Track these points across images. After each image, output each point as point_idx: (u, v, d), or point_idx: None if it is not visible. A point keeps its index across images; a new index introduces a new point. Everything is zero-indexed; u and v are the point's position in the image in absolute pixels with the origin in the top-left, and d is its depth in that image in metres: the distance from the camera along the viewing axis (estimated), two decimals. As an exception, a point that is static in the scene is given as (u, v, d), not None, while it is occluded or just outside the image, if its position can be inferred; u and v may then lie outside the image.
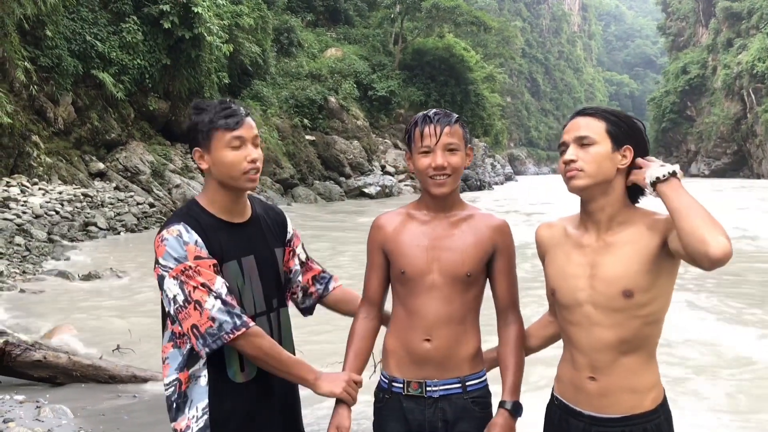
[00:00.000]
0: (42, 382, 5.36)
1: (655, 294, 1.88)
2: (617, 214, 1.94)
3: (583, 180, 1.91)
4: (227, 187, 2.10)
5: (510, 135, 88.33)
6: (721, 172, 72.09)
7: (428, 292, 2.10)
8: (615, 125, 1.92)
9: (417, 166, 2.12)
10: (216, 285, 1.97)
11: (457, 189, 2.17)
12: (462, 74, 44.70)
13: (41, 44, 18.28)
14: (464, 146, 2.14)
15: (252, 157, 2.08)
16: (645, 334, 1.91)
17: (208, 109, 2.09)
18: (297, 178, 30.29)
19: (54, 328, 7.07)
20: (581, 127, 1.94)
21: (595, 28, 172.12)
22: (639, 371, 1.92)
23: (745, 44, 69.28)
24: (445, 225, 2.15)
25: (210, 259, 2.00)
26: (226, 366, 2.06)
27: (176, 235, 1.99)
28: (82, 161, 19.80)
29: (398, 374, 2.15)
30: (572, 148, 1.93)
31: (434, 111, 2.14)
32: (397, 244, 2.16)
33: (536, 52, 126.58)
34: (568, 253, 2.00)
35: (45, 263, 11.59)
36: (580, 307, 1.94)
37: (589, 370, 1.95)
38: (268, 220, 2.27)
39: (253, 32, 30.18)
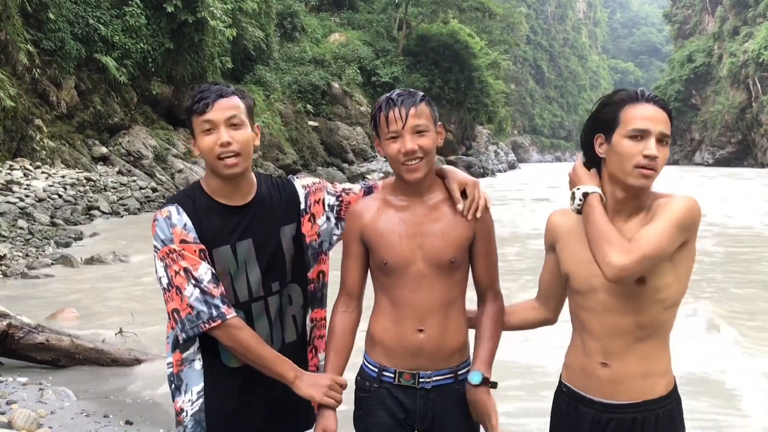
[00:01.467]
0: (45, 365, 5.39)
1: (670, 280, 1.85)
2: (642, 203, 1.90)
3: (652, 181, 1.85)
4: (216, 173, 2.05)
5: (514, 122, 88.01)
6: (726, 161, 71.82)
7: (415, 282, 2.04)
8: (672, 124, 1.89)
9: (387, 153, 2.05)
10: (198, 271, 1.95)
11: (432, 171, 2.09)
12: (466, 61, 44.46)
13: (44, 27, 18.23)
14: (434, 125, 2.05)
15: (222, 140, 1.98)
16: (662, 319, 1.89)
17: (192, 95, 2.06)
18: (300, 164, 30.25)
19: (57, 311, 7.11)
20: (665, 123, 1.85)
21: (600, 15, 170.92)
22: (653, 357, 1.90)
23: (752, 32, 68.76)
24: (424, 210, 2.08)
25: (196, 244, 1.97)
26: (220, 351, 2.06)
27: (166, 216, 1.99)
28: (84, 145, 19.80)
29: (388, 364, 2.09)
30: (654, 143, 1.82)
31: (398, 92, 2.04)
32: (377, 233, 2.08)
33: (541, 38, 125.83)
34: (583, 238, 1.94)
35: (48, 247, 11.62)
36: (595, 293, 1.92)
37: (601, 356, 1.92)
38: (275, 197, 2.17)
39: (256, 17, 30.05)
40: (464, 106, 45.52)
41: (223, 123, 2.00)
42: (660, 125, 1.83)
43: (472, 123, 50.20)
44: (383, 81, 39.89)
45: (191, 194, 2.07)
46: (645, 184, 1.84)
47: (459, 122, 46.42)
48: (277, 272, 2.14)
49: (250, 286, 2.09)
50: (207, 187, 2.09)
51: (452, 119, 45.23)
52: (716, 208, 19.42)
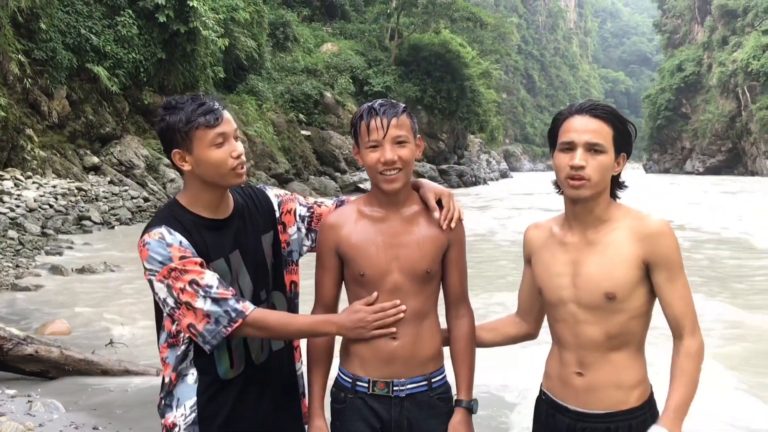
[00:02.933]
0: (34, 377, 5.34)
1: (639, 294, 1.90)
2: (603, 214, 1.95)
3: (588, 190, 1.88)
4: (213, 186, 2.03)
5: (505, 131, 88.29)
6: (716, 170, 72.24)
7: (391, 292, 2.05)
8: (619, 133, 1.90)
9: (366, 162, 2.04)
10: (205, 279, 1.92)
11: (408, 183, 2.10)
12: (458, 70, 44.64)
13: (35, 37, 18.20)
14: (413, 137, 2.06)
15: (237, 152, 2.01)
16: (631, 328, 1.91)
17: (182, 107, 1.98)
18: (292, 173, 30.24)
19: (47, 322, 7.05)
20: (592, 131, 1.88)
21: (591, 24, 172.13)
22: (626, 367, 1.92)
23: (741, 42, 69.39)
24: (400, 221, 2.09)
25: (196, 257, 1.95)
26: (216, 365, 2.04)
27: (158, 238, 1.94)
28: (76, 155, 19.74)
29: (363, 373, 2.08)
30: (582, 153, 1.87)
31: (380, 102, 2.05)
32: (353, 245, 2.08)
33: (532, 48, 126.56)
34: (553, 252, 2.01)
35: (38, 257, 11.56)
36: (565, 306, 1.96)
37: (576, 366, 1.95)
38: (251, 207, 2.19)
39: (248, 26, 30.11)
40: (456, 115, 45.67)
41: (232, 135, 2.02)
42: (586, 135, 1.87)
43: (464, 132, 50.35)
44: (375, 90, 39.98)
45: (174, 214, 2.04)
46: (576, 194, 1.89)
47: (451, 131, 46.56)
48: (263, 281, 2.15)
49: (244, 297, 2.07)
50: (191, 204, 2.06)
51: (444, 128, 45.35)
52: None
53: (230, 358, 2.06)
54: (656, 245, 1.86)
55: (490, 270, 10.97)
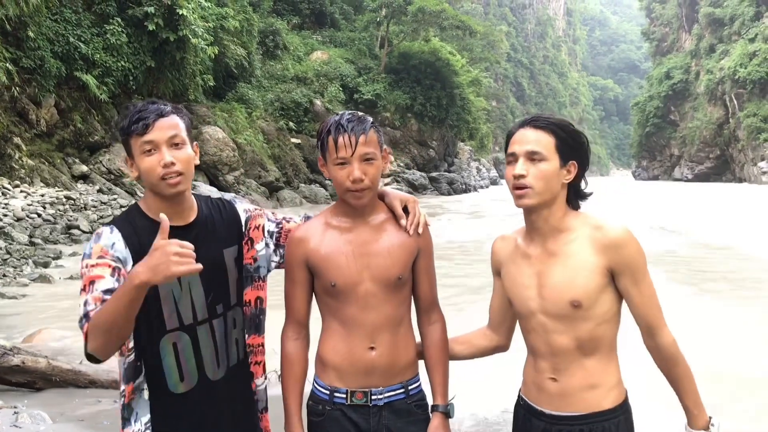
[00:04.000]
0: (20, 388, 5.28)
1: (605, 300, 1.93)
2: (559, 223, 1.98)
3: (532, 198, 1.93)
4: (157, 194, 2.01)
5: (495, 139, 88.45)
6: (705, 177, 72.77)
7: (364, 301, 2.05)
8: (563, 141, 1.94)
9: (333, 177, 2.04)
10: (98, 284, 1.84)
11: (375, 194, 2.11)
12: (448, 78, 44.84)
13: (23, 45, 18.10)
14: (380, 152, 2.06)
15: (165, 161, 1.93)
16: (600, 333, 1.94)
17: (126, 114, 1.98)
18: (282, 181, 30.21)
19: (34, 332, 6.98)
20: (532, 141, 1.93)
21: (579, 32, 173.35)
22: (599, 370, 1.96)
23: (728, 50, 70.08)
24: (368, 230, 2.10)
25: (114, 261, 1.90)
26: (165, 377, 2.01)
27: (97, 233, 1.95)
28: (64, 163, 19.63)
29: (340, 384, 2.08)
30: (522, 162, 1.93)
31: (347, 117, 2.03)
32: (323, 256, 2.07)
33: (521, 56, 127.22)
34: (519, 264, 2.05)
35: (26, 267, 11.45)
36: (534, 316, 1.99)
37: (550, 372, 1.99)
38: (216, 219, 2.14)
39: (238, 35, 30.13)
40: (446, 123, 45.82)
41: (164, 143, 1.96)
42: (526, 144, 1.94)
43: (454, 140, 50.51)
44: (366, 98, 40.10)
45: (130, 217, 2.02)
46: (520, 203, 1.95)
47: (441, 139, 46.69)
48: (221, 294, 2.11)
49: (195, 309, 2.04)
50: (147, 209, 2.04)
51: (434, 136, 45.47)
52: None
53: (179, 370, 2.02)
54: (619, 254, 1.89)
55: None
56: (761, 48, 62.39)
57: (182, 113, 2.05)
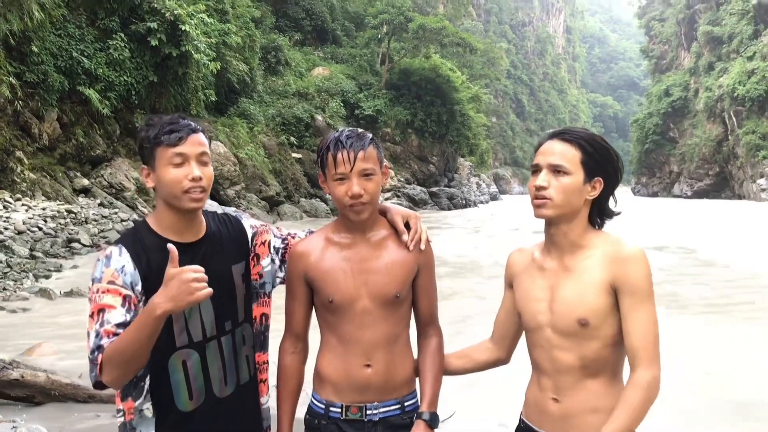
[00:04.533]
0: (19, 402, 5.27)
1: (614, 321, 1.89)
2: (579, 239, 1.95)
3: (550, 210, 1.91)
4: (172, 207, 2.02)
5: (495, 155, 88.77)
6: (704, 193, 72.79)
7: (361, 318, 2.06)
8: (590, 156, 1.91)
9: (333, 193, 2.06)
10: (108, 315, 1.84)
11: (375, 210, 2.11)
12: (448, 94, 45.01)
13: (27, 60, 18.21)
14: (380, 167, 2.07)
15: (193, 175, 1.96)
16: (606, 355, 1.91)
17: (156, 124, 1.99)
18: (283, 195, 30.25)
19: (33, 346, 6.98)
20: (557, 153, 1.92)
21: (579, 50, 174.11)
22: (602, 393, 1.91)
23: (726, 68, 70.37)
24: (368, 247, 2.11)
25: (125, 288, 1.89)
26: (173, 395, 2.01)
27: (106, 255, 1.93)
28: (66, 177, 19.67)
29: (336, 399, 2.10)
30: (545, 174, 1.92)
31: (346, 134, 2.05)
32: (322, 272, 2.09)
33: (521, 73, 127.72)
34: (533, 276, 2.03)
35: (26, 280, 11.45)
36: (542, 330, 1.97)
37: (552, 392, 1.96)
38: (224, 234, 2.15)
39: (240, 50, 30.29)
40: (446, 138, 45.94)
41: (194, 158, 1.98)
42: (550, 156, 1.92)
43: (454, 155, 50.61)
44: (366, 114, 40.25)
45: (139, 234, 2.02)
46: (538, 213, 1.94)
47: (441, 154, 46.79)
48: (229, 311, 2.11)
49: (204, 326, 2.04)
50: (156, 225, 2.05)
51: (434, 151, 45.58)
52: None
53: (188, 389, 2.02)
54: (624, 269, 1.85)
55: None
56: (759, 66, 62.67)
57: (207, 133, 2.09)
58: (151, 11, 21.74)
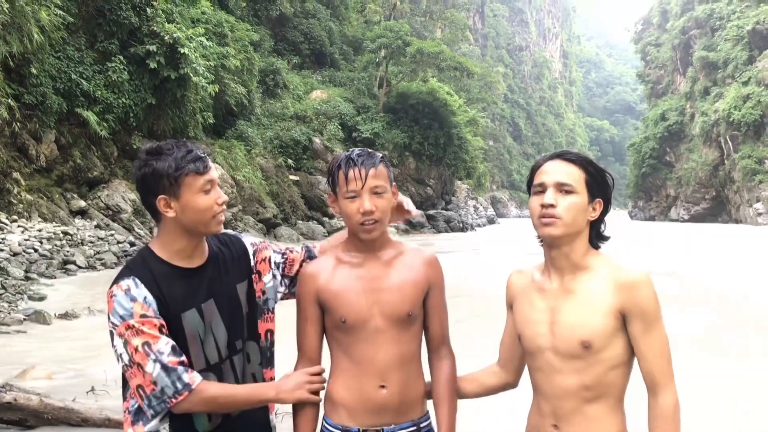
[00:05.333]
0: (11, 425, 5.19)
1: (617, 344, 1.87)
2: (581, 260, 1.94)
3: (559, 229, 1.89)
4: (193, 233, 2.02)
5: (492, 178, 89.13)
6: (701, 218, 73.00)
7: (374, 338, 2.04)
8: (593, 177, 1.92)
9: (344, 211, 2.06)
10: (158, 345, 1.89)
11: (385, 229, 2.12)
12: (445, 118, 45.28)
13: (26, 82, 18.28)
14: (390, 186, 2.09)
15: (222, 199, 2.04)
16: (609, 380, 1.88)
17: (171, 153, 1.98)
18: (280, 217, 30.25)
19: (27, 369, 6.90)
20: (562, 173, 1.91)
21: (575, 74, 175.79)
22: (603, 420, 1.88)
23: (722, 93, 70.98)
24: (379, 265, 2.10)
25: (157, 318, 1.92)
26: (193, 418, 2.00)
27: (125, 290, 1.92)
28: (63, 199, 19.65)
29: (351, 423, 2.06)
30: (552, 192, 1.91)
31: (357, 152, 2.08)
32: (333, 292, 2.08)
33: (518, 97, 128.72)
34: (532, 299, 2.00)
35: (21, 302, 11.37)
36: (542, 353, 1.94)
37: (552, 418, 1.93)
38: (226, 254, 2.17)
39: (239, 73, 30.48)
40: (443, 161, 46.12)
41: (218, 183, 2.05)
42: (556, 175, 1.91)
43: (452, 178, 50.77)
44: (364, 137, 40.43)
45: (147, 263, 2.01)
46: (547, 232, 1.91)
47: (438, 177, 46.93)
48: (238, 330, 2.12)
49: (219, 347, 2.05)
50: (162, 252, 2.04)
51: (432, 174, 45.72)
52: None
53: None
54: (632, 296, 1.83)
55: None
56: (755, 91, 63.23)
57: None
58: (150, 34, 21.90)
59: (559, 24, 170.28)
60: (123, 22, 21.56)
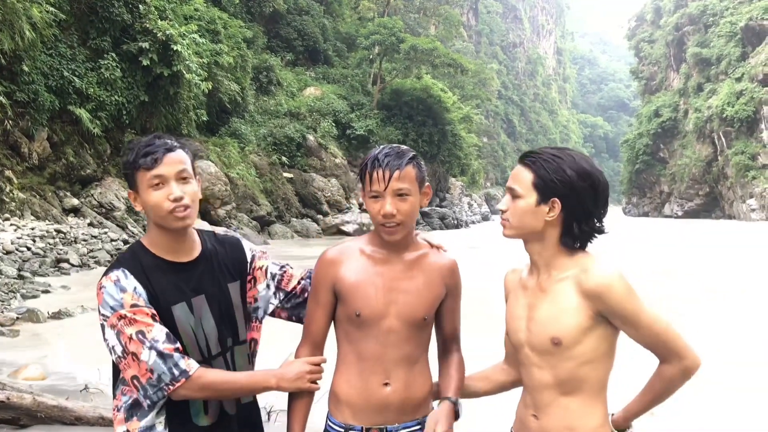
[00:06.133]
0: (4, 425, 5.17)
1: (589, 340, 1.89)
2: (552, 260, 1.97)
3: (508, 230, 2.00)
4: (162, 228, 2.01)
5: (486, 175, 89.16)
6: (694, 214, 73.27)
7: (385, 336, 2.03)
8: (542, 178, 1.91)
9: (368, 209, 2.06)
10: (152, 333, 1.88)
11: (410, 231, 2.09)
12: (439, 115, 45.28)
13: (17, 79, 18.18)
14: (419, 187, 2.05)
15: (174, 195, 1.96)
16: (582, 374, 1.90)
17: (134, 148, 2.00)
18: (274, 215, 30.20)
19: (20, 368, 6.88)
20: (513, 177, 1.99)
21: (569, 71, 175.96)
22: (579, 413, 1.92)
23: (715, 89, 71.20)
24: (401, 266, 2.08)
25: (148, 307, 1.91)
26: (190, 410, 2.00)
27: (114, 281, 1.92)
28: (56, 197, 19.57)
29: (355, 422, 2.06)
30: (506, 197, 2.00)
31: (385, 152, 2.02)
32: (352, 283, 2.05)
33: (512, 94, 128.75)
34: (517, 295, 2.07)
35: (14, 300, 11.32)
36: (522, 348, 2.00)
37: (532, 409, 1.99)
38: (221, 254, 2.15)
39: (232, 70, 30.39)
40: (438, 158, 46.14)
41: (173, 177, 1.98)
42: (511, 182, 1.99)
43: (446, 175, 50.80)
44: (358, 134, 40.37)
45: (137, 256, 2.01)
46: (503, 234, 2.02)
47: (432, 174, 46.95)
48: (230, 329, 2.12)
49: (209, 343, 2.04)
50: (151, 246, 2.04)
51: (426, 171, 45.74)
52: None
53: (204, 404, 2.02)
54: (604, 301, 1.84)
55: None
56: (748, 87, 63.46)
57: (187, 148, 2.08)
58: (143, 31, 21.82)
59: (552, 21, 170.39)
60: (115, 19, 21.46)
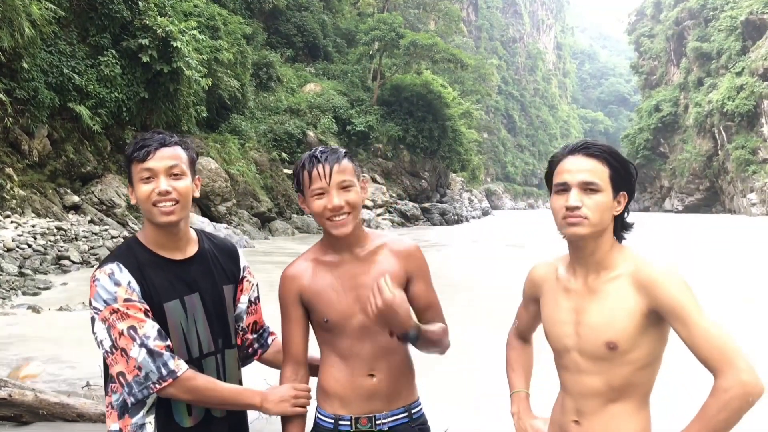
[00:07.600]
0: (6, 421, 5.18)
1: (645, 343, 1.81)
2: (604, 258, 1.88)
3: (586, 229, 1.82)
4: (152, 223, 2.02)
5: (487, 170, 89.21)
6: (695, 208, 73.27)
7: (359, 333, 2.06)
8: (617, 172, 1.84)
9: (313, 210, 2.05)
10: (143, 329, 1.87)
11: (359, 224, 2.10)
12: (439, 110, 45.23)
13: (17, 76, 18.16)
14: (357, 180, 2.07)
15: (160, 189, 1.96)
16: (635, 380, 1.83)
17: (132, 142, 2.03)
18: (275, 211, 30.20)
19: (21, 364, 6.88)
20: (587, 171, 1.83)
21: (569, 66, 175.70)
22: (625, 419, 1.84)
23: (715, 83, 71.13)
24: (356, 263, 2.10)
25: (141, 303, 1.91)
26: (173, 411, 1.99)
27: (108, 274, 1.91)
28: (56, 194, 19.57)
29: (344, 412, 2.08)
30: (576, 193, 1.82)
31: (320, 150, 2.05)
32: (315, 293, 2.09)
33: (512, 89, 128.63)
34: (556, 297, 1.96)
35: (15, 297, 11.34)
36: (568, 353, 1.91)
37: (574, 414, 1.91)
38: (218, 255, 2.17)
39: (232, 67, 30.35)
40: (438, 154, 46.12)
41: (163, 172, 1.98)
42: (580, 174, 1.83)
43: (446, 171, 50.77)
44: (358, 130, 40.37)
45: (132, 250, 2.01)
46: (573, 232, 1.83)
47: (433, 170, 46.92)
48: (222, 330, 2.12)
49: (200, 342, 2.04)
50: (146, 241, 2.04)
51: (426, 167, 45.71)
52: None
53: (188, 405, 2.01)
54: (658, 295, 1.75)
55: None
56: (748, 81, 63.39)
57: (187, 146, 2.07)
58: (142, 28, 21.78)
59: (552, 15, 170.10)
60: (115, 16, 21.42)
